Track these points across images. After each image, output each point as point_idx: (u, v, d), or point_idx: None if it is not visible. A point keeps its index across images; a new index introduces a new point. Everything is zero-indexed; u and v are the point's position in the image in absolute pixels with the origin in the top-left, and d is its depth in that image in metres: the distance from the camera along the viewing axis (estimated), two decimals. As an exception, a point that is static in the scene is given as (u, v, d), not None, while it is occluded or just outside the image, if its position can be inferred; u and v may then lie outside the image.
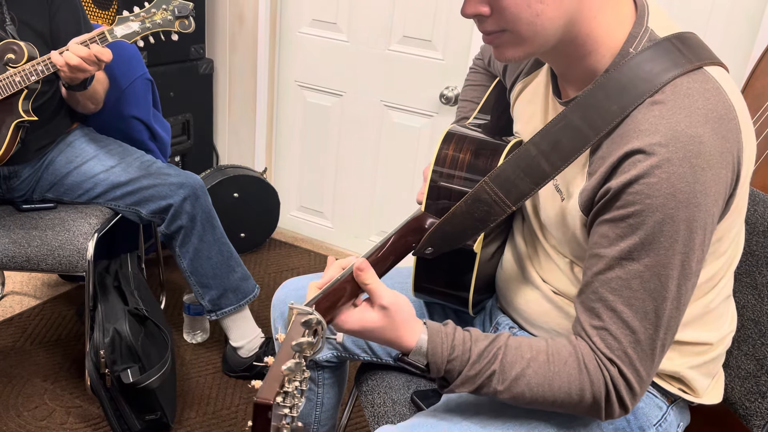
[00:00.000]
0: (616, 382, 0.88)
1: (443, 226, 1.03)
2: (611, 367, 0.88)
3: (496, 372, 0.90)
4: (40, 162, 1.83)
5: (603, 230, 0.87)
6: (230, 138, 2.94)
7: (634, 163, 0.83)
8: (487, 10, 0.87)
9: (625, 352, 0.87)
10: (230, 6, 2.71)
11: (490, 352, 0.90)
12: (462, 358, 0.91)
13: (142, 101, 1.99)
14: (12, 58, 1.60)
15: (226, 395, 1.97)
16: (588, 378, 0.88)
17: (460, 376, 0.91)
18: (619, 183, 0.84)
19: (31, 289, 2.38)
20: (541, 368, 0.90)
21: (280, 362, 0.73)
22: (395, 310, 0.91)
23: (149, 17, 1.59)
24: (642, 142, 0.83)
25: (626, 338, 0.87)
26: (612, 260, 0.86)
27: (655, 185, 0.81)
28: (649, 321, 0.86)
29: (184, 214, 1.80)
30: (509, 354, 0.90)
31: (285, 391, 0.72)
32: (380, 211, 2.73)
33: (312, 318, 0.78)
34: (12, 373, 1.97)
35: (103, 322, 1.71)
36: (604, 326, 0.88)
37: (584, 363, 0.88)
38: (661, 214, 0.82)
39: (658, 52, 0.86)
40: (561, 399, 0.90)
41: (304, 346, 0.74)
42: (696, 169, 0.81)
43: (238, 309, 1.94)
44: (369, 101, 2.59)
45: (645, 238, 0.84)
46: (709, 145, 0.82)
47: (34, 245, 1.70)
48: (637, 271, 0.85)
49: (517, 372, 0.90)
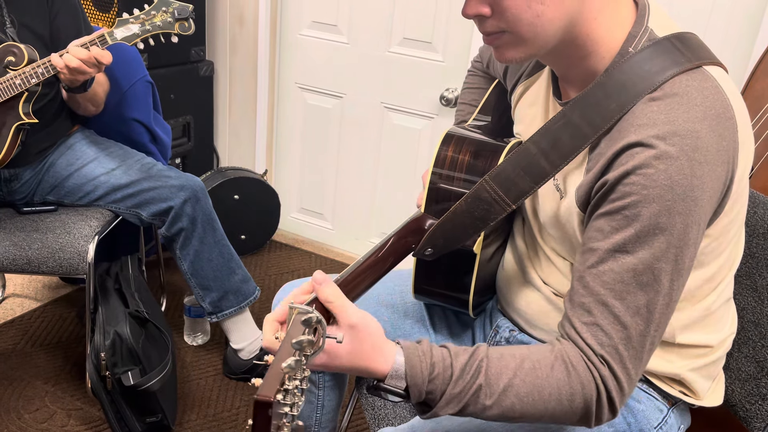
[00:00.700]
0: (606, 381, 0.85)
1: (443, 225, 1.03)
2: (601, 366, 0.85)
3: (483, 386, 0.84)
4: (41, 164, 1.83)
5: (598, 224, 0.86)
6: (231, 140, 2.95)
7: (632, 155, 0.83)
8: (487, 11, 0.87)
9: (615, 349, 0.84)
10: (230, 8, 2.72)
11: (472, 366, 0.85)
12: (444, 375, 0.84)
13: (142, 104, 1.99)
14: (12, 61, 1.60)
15: (227, 397, 1.97)
16: (578, 380, 0.85)
17: (444, 396, 0.84)
18: (616, 175, 0.83)
19: (32, 291, 2.39)
20: (528, 376, 0.85)
21: (281, 360, 0.73)
22: (365, 332, 0.83)
23: (149, 19, 1.59)
24: (640, 135, 0.83)
25: (617, 334, 0.84)
26: (605, 253, 0.85)
27: (652, 176, 0.81)
28: (640, 316, 0.84)
29: (184, 217, 1.80)
30: (493, 365, 0.85)
31: (285, 389, 0.72)
32: (381, 213, 2.73)
33: (312, 316, 0.77)
34: (13, 375, 1.97)
35: (104, 324, 1.71)
36: (595, 321, 0.85)
37: (572, 365, 0.85)
38: (658, 206, 0.81)
39: (658, 51, 0.87)
40: (552, 407, 0.86)
41: (304, 344, 0.74)
42: (694, 163, 0.81)
43: (239, 311, 1.94)
44: (369, 103, 2.59)
45: (640, 230, 0.83)
46: (707, 140, 0.82)
47: (35, 248, 1.70)
48: (631, 264, 0.84)
49: (505, 383, 0.84)
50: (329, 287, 0.85)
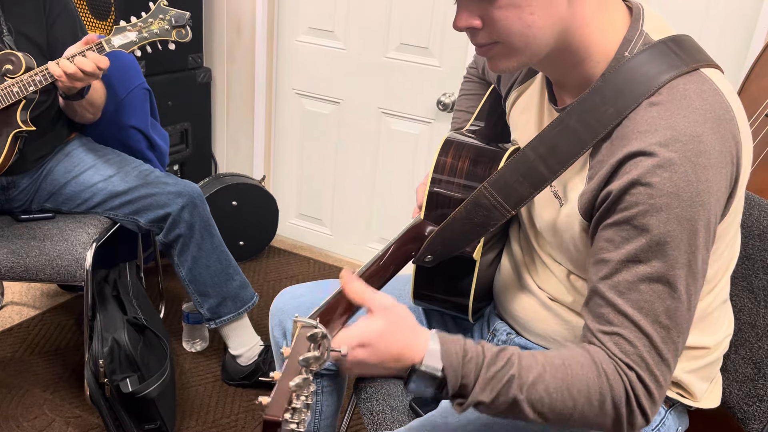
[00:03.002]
0: (635, 387, 0.84)
1: (443, 232, 1.03)
2: (629, 372, 0.84)
3: (515, 377, 0.83)
4: (39, 172, 1.84)
5: (607, 235, 0.86)
6: (229, 146, 2.95)
7: (635, 165, 0.83)
8: (478, 23, 0.88)
9: (641, 357, 0.84)
10: (228, 15, 2.73)
11: (504, 356, 0.85)
12: (477, 359, 0.84)
13: (140, 111, 1.99)
14: (10, 69, 1.60)
15: (226, 403, 1.96)
16: (607, 382, 0.84)
17: (479, 381, 0.84)
18: (621, 185, 0.83)
19: (30, 299, 2.38)
20: (558, 372, 0.84)
21: (288, 378, 0.73)
22: (399, 314, 0.85)
23: (146, 27, 1.59)
24: (642, 143, 0.83)
25: (640, 342, 0.84)
26: (618, 264, 0.85)
27: (657, 185, 0.81)
28: (660, 324, 0.84)
29: (182, 223, 1.80)
30: (524, 358, 0.85)
31: (293, 407, 0.72)
32: (379, 218, 2.73)
33: (317, 332, 0.77)
34: (11, 383, 1.97)
35: (102, 331, 1.71)
36: (616, 331, 0.85)
37: (602, 367, 0.84)
38: (666, 214, 0.81)
39: (654, 54, 0.87)
40: (581, 406, 0.84)
41: (310, 360, 0.74)
42: (698, 168, 0.81)
43: (237, 317, 1.94)
44: (367, 108, 2.60)
45: (651, 240, 0.83)
46: (709, 144, 0.82)
47: (33, 255, 1.70)
48: (645, 273, 0.83)
49: (535, 376, 0.84)
50: (357, 282, 0.88)
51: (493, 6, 0.85)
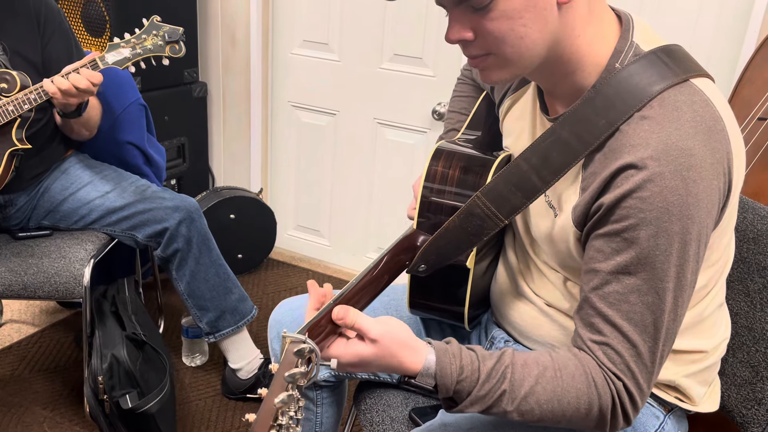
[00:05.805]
0: (621, 395, 0.88)
1: (436, 241, 1.03)
2: (617, 381, 0.88)
3: (506, 392, 0.88)
4: (36, 190, 1.84)
5: (598, 245, 0.88)
6: (225, 160, 2.96)
7: (627, 178, 0.83)
8: (470, 36, 0.88)
9: (627, 366, 0.87)
10: (222, 29, 2.74)
11: (498, 371, 0.89)
12: (471, 378, 0.88)
13: (136, 126, 2.00)
14: (5, 88, 1.61)
15: (226, 418, 1.96)
16: (596, 391, 0.88)
17: (470, 397, 0.88)
18: (612, 198, 0.85)
19: (29, 316, 2.38)
20: (549, 384, 0.88)
21: (273, 395, 0.72)
22: (389, 339, 0.88)
23: (140, 43, 1.60)
24: (633, 156, 0.83)
25: (627, 352, 0.87)
26: (608, 275, 0.87)
27: (647, 199, 0.82)
28: (648, 334, 0.87)
29: (180, 237, 1.80)
30: (517, 372, 0.89)
31: (279, 424, 0.72)
32: (377, 228, 2.73)
33: (305, 347, 0.76)
34: (11, 401, 1.96)
35: (101, 347, 1.71)
36: (605, 341, 0.88)
37: (592, 377, 0.88)
38: (655, 228, 0.83)
39: (644, 65, 0.87)
40: (570, 414, 0.89)
41: (297, 376, 0.73)
42: (688, 182, 0.82)
43: (236, 330, 1.94)
44: (362, 119, 2.61)
45: (640, 252, 0.84)
46: (700, 157, 0.82)
47: (31, 273, 1.70)
48: (634, 285, 0.86)
49: (526, 390, 0.88)
50: (349, 314, 0.89)
51: (485, 18, 0.85)
